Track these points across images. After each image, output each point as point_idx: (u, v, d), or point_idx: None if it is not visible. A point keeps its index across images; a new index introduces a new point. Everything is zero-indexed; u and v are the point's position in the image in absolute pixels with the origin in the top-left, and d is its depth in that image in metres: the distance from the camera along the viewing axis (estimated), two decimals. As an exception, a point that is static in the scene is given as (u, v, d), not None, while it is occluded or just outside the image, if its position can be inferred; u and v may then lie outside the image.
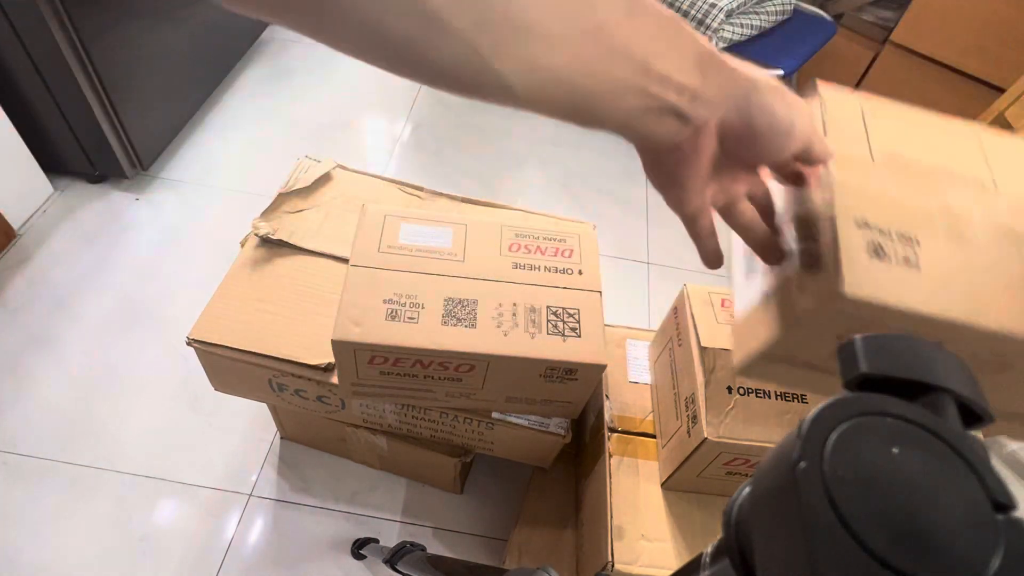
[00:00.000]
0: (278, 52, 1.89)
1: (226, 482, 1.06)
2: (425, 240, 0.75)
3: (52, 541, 0.97)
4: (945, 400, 0.20)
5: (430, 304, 0.69)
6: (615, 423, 0.83)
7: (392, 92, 1.84)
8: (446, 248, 0.75)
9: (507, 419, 0.79)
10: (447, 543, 1.04)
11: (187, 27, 1.49)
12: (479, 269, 0.74)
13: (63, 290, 1.25)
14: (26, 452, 1.05)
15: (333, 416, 0.87)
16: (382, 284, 0.70)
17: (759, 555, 0.19)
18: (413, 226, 0.76)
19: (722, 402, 0.69)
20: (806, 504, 0.17)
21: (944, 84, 1.68)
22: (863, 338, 0.22)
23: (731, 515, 0.22)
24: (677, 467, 0.74)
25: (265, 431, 1.12)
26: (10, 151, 1.27)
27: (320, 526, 1.03)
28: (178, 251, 1.35)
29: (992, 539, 0.17)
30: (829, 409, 0.19)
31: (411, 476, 1.09)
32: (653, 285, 1.47)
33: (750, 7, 1.54)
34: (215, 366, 0.80)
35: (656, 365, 0.87)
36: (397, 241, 0.74)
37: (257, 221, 0.85)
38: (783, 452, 0.19)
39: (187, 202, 1.45)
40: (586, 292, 0.75)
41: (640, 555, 0.72)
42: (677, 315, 0.81)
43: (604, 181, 1.68)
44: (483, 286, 0.72)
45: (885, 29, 1.73)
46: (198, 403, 1.13)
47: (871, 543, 0.16)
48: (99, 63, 1.22)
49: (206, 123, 1.64)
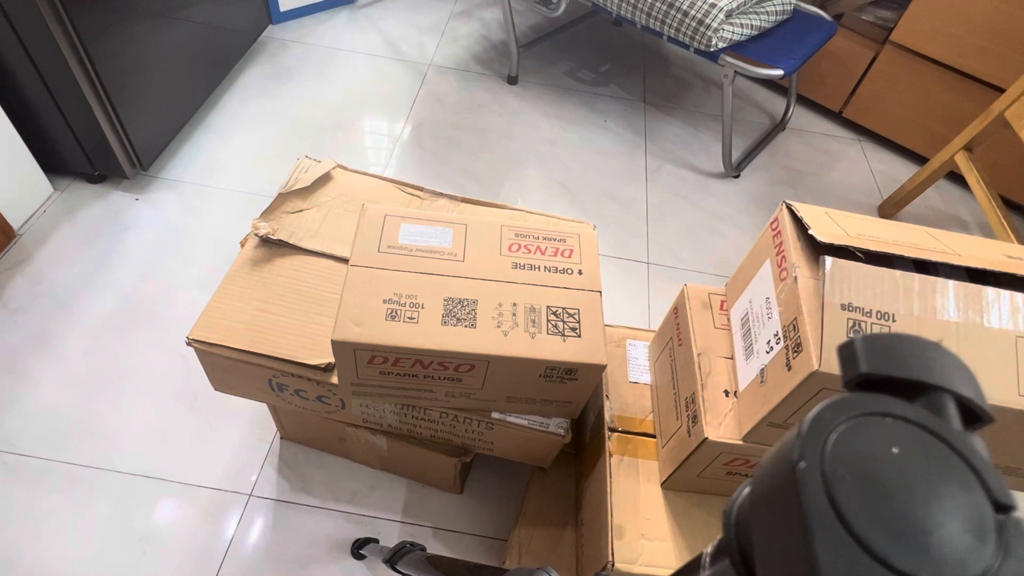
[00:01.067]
0: (278, 52, 1.89)
1: (226, 482, 1.06)
2: (425, 240, 0.75)
3: (52, 541, 0.97)
4: (945, 400, 0.20)
5: (430, 304, 0.69)
6: (615, 423, 0.83)
7: (392, 92, 1.84)
8: (446, 248, 0.75)
9: (507, 419, 0.79)
10: (447, 543, 1.04)
11: (187, 27, 1.49)
12: (479, 269, 0.73)
13: (63, 290, 1.25)
14: (26, 452, 1.05)
15: (333, 416, 0.87)
16: (382, 284, 0.70)
17: (759, 555, 0.19)
18: (413, 226, 0.76)
19: (721, 403, 0.69)
20: (806, 504, 0.17)
21: (944, 84, 1.68)
22: (863, 338, 0.22)
23: (731, 515, 0.22)
24: (677, 467, 0.74)
25: (265, 431, 1.12)
26: (10, 151, 1.27)
27: (320, 526, 1.03)
28: (178, 251, 1.35)
29: (992, 539, 0.17)
30: (829, 409, 0.19)
31: (411, 476, 1.09)
32: (653, 285, 1.47)
33: (750, 7, 1.54)
34: (215, 366, 0.80)
35: (656, 365, 0.87)
36: (397, 241, 0.74)
37: (257, 221, 0.85)
38: (783, 452, 0.19)
39: (187, 202, 1.45)
40: (586, 292, 0.75)
41: (640, 554, 0.72)
42: (677, 315, 0.81)
43: (604, 181, 1.68)
44: (483, 286, 0.72)
45: (885, 29, 1.73)
46: (198, 403, 1.13)
47: (871, 543, 0.16)
48: (99, 63, 1.22)
49: (206, 123, 1.64)
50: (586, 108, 1.90)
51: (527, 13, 2.19)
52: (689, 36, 1.48)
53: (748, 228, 1.63)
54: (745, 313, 0.71)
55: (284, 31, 1.97)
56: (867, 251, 0.57)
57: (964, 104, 1.66)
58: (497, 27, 2.13)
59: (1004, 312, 0.55)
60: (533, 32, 2.13)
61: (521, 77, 1.95)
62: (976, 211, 1.77)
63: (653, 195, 1.67)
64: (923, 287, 0.55)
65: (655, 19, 1.52)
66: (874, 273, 0.55)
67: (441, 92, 1.86)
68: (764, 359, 0.62)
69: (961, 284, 0.55)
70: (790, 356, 0.57)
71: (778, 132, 1.92)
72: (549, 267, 0.76)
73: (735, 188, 1.73)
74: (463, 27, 2.11)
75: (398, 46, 1.99)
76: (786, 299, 0.60)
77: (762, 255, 0.68)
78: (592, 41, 2.16)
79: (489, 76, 1.95)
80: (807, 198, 1.74)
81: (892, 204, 1.70)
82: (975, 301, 0.55)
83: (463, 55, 2.00)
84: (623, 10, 1.57)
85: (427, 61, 1.96)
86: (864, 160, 1.89)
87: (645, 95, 1.98)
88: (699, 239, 1.59)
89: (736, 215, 1.66)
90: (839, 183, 1.81)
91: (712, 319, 0.77)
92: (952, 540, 0.17)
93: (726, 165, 1.74)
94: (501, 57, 2.01)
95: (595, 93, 1.96)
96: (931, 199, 1.77)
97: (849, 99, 1.89)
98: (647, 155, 1.78)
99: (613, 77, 2.03)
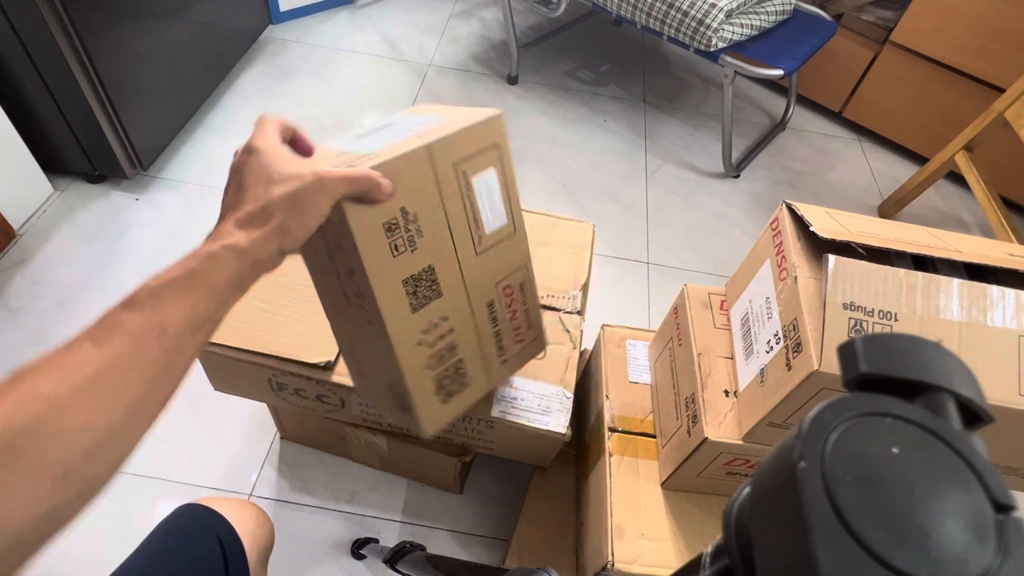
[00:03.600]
0: (278, 52, 1.89)
1: (226, 482, 1.06)
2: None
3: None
4: (945, 400, 0.20)
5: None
6: (615, 423, 0.83)
7: (392, 92, 1.84)
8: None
9: (506, 417, 0.79)
10: (447, 543, 1.04)
11: (187, 27, 1.49)
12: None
13: (63, 290, 1.25)
14: (26, 452, 1.05)
15: (333, 416, 0.87)
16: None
17: (759, 555, 0.19)
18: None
19: (721, 403, 0.69)
20: (806, 504, 0.17)
21: (944, 84, 1.68)
22: (863, 338, 0.22)
23: (731, 515, 0.22)
24: (677, 467, 0.74)
25: (265, 431, 1.12)
26: (10, 151, 1.26)
27: (320, 526, 1.03)
28: (178, 251, 1.34)
29: (992, 539, 0.17)
30: (829, 409, 0.19)
31: (411, 476, 1.09)
32: (653, 285, 1.47)
33: (750, 7, 1.54)
34: (215, 365, 0.80)
35: (656, 365, 0.87)
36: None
37: (257, 221, 0.85)
38: (783, 452, 0.19)
39: (187, 202, 1.45)
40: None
41: (640, 554, 0.72)
42: (677, 315, 0.81)
43: (604, 181, 1.68)
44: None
45: (885, 29, 1.73)
46: (198, 403, 1.13)
47: (871, 543, 0.16)
48: (99, 63, 1.22)
49: (206, 123, 1.64)
50: (586, 108, 1.90)
51: (527, 13, 2.19)
52: (689, 36, 1.48)
53: (748, 228, 1.63)
54: (745, 313, 0.71)
55: (284, 31, 1.97)
56: (869, 248, 0.57)
57: (964, 104, 1.66)
58: (497, 27, 2.13)
59: (1008, 310, 0.54)
60: (533, 32, 2.13)
61: (521, 77, 1.95)
62: (976, 211, 1.77)
63: (653, 195, 1.67)
64: (926, 285, 0.54)
65: (655, 19, 1.52)
66: (877, 271, 0.55)
67: (441, 92, 1.86)
68: (764, 359, 0.62)
69: (965, 282, 0.55)
70: (790, 356, 0.57)
71: (778, 132, 1.92)
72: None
73: (735, 188, 1.73)
74: (463, 27, 2.11)
75: (398, 46, 1.99)
76: (786, 299, 0.60)
77: (762, 255, 0.68)
78: (592, 41, 2.16)
79: (489, 76, 1.95)
80: (807, 198, 1.74)
81: (892, 204, 1.70)
82: (979, 299, 0.54)
83: (463, 55, 2.00)
84: (623, 10, 1.57)
85: (427, 61, 1.95)
86: (864, 160, 1.89)
87: (645, 95, 1.98)
88: (699, 239, 1.58)
89: (736, 215, 1.66)
90: (839, 183, 1.81)
91: (712, 319, 0.77)
92: (952, 540, 0.17)
93: (726, 165, 1.74)
94: (501, 57, 2.01)
95: (595, 93, 1.96)
96: (931, 199, 1.77)
97: (849, 99, 1.89)
98: (647, 155, 1.78)
99: (613, 77, 2.03)
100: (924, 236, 0.62)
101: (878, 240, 0.58)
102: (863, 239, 0.58)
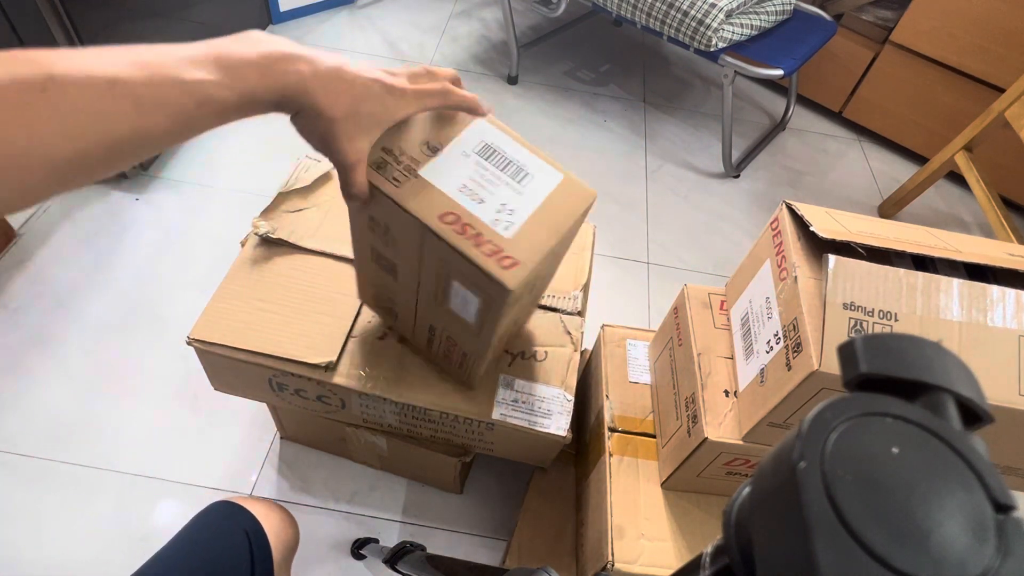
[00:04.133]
0: (278, 52, 1.89)
1: (226, 482, 1.06)
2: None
3: (52, 541, 0.97)
4: (945, 400, 0.20)
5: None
6: (615, 423, 0.83)
7: (392, 92, 1.83)
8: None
9: (507, 419, 0.79)
10: (447, 543, 1.04)
11: (187, 27, 1.49)
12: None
13: (63, 290, 1.25)
14: (26, 452, 1.05)
15: (333, 416, 0.87)
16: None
17: (759, 555, 0.19)
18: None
19: (721, 403, 0.69)
20: (806, 504, 0.17)
21: (944, 84, 1.68)
22: (863, 338, 0.22)
23: (731, 515, 0.22)
24: (677, 467, 0.74)
25: (265, 431, 1.12)
26: (10, 151, 1.26)
27: (320, 526, 1.03)
28: (178, 251, 1.35)
29: (992, 539, 0.17)
30: (829, 409, 0.19)
31: (411, 476, 1.09)
32: (653, 285, 1.47)
33: (750, 7, 1.54)
34: (215, 366, 0.80)
35: (656, 365, 0.87)
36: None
37: (257, 220, 0.85)
38: (783, 452, 0.19)
39: (187, 202, 1.45)
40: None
41: (640, 555, 0.72)
42: (677, 315, 0.81)
43: (604, 181, 1.68)
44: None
45: (885, 29, 1.73)
46: (198, 403, 1.13)
47: (871, 543, 0.16)
48: (99, 63, 1.22)
49: (206, 123, 1.63)
50: (586, 108, 1.90)
51: (527, 13, 2.19)
52: (689, 36, 1.48)
53: (748, 228, 1.63)
54: (745, 313, 0.71)
55: (284, 31, 1.97)
56: (869, 248, 0.57)
57: (964, 104, 1.66)
58: (497, 27, 2.13)
59: (1008, 310, 0.54)
60: (533, 32, 2.13)
61: (521, 77, 1.95)
62: (976, 211, 1.77)
63: (653, 195, 1.67)
64: (927, 285, 0.54)
65: (655, 19, 1.52)
66: (877, 271, 0.55)
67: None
68: (764, 359, 0.62)
69: (965, 282, 0.55)
70: (790, 356, 0.57)
71: (778, 132, 1.92)
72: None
73: (735, 188, 1.73)
74: (463, 27, 2.11)
75: (398, 46, 1.99)
76: (786, 299, 0.60)
77: (762, 255, 0.68)
78: (592, 41, 2.16)
79: (489, 76, 1.95)
80: (807, 198, 1.74)
81: (892, 204, 1.70)
82: (979, 299, 0.54)
83: (463, 55, 2.00)
84: (623, 10, 1.57)
85: (427, 61, 1.96)
86: (864, 160, 1.89)
87: (645, 95, 1.98)
88: (699, 239, 1.58)
89: (736, 215, 1.66)
90: (839, 183, 1.81)
91: (712, 319, 0.77)
92: (952, 540, 0.17)
93: (726, 165, 1.74)
94: (501, 57, 2.01)
95: (595, 93, 1.96)
96: (931, 199, 1.77)
97: (849, 99, 1.89)
98: (647, 155, 1.78)
99: (613, 77, 2.03)
100: (924, 236, 0.62)
101: (878, 240, 0.58)
102: (863, 239, 0.58)
